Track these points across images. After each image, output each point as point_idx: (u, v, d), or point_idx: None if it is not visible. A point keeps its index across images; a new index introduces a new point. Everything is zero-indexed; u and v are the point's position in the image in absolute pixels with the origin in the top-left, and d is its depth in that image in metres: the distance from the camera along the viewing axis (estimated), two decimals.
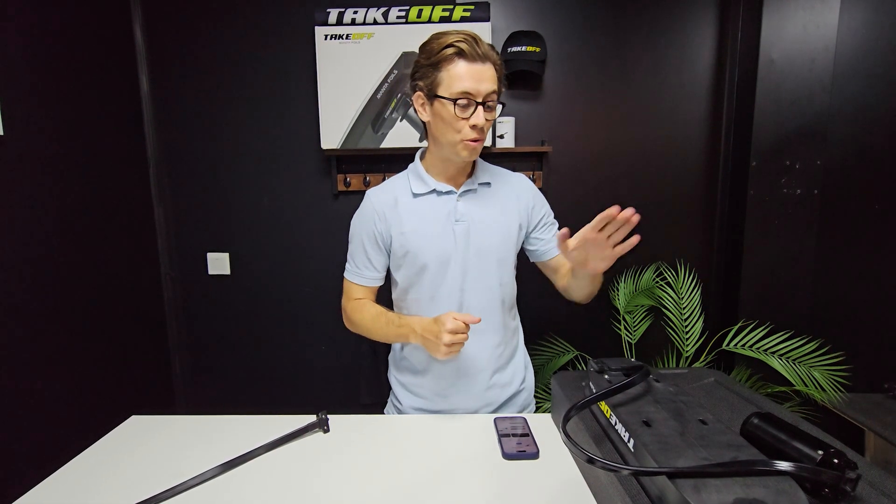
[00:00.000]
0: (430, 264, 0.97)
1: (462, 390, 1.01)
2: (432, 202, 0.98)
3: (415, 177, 1.00)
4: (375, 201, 1.00)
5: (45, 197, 1.30)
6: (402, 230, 0.97)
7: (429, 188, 0.98)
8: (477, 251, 0.98)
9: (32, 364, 1.24)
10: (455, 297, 0.98)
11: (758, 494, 0.46)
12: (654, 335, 1.83)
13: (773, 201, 1.65)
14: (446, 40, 0.86)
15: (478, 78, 0.86)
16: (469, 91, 0.86)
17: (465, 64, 0.85)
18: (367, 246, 1.01)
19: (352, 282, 1.04)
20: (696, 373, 0.96)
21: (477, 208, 0.98)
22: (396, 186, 1.02)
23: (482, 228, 0.98)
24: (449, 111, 0.87)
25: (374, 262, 1.02)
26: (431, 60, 0.88)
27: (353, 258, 1.04)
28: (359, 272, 1.03)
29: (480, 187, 1.00)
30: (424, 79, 0.90)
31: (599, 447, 0.66)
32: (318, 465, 0.76)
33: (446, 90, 0.87)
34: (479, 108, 0.87)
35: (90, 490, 0.71)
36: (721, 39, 1.74)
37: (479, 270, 0.98)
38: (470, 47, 0.85)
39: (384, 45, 1.64)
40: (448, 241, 0.97)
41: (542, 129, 1.78)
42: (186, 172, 1.81)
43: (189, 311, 1.88)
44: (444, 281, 0.98)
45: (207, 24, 1.73)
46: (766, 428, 0.60)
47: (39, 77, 1.30)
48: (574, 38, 1.75)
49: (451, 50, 0.85)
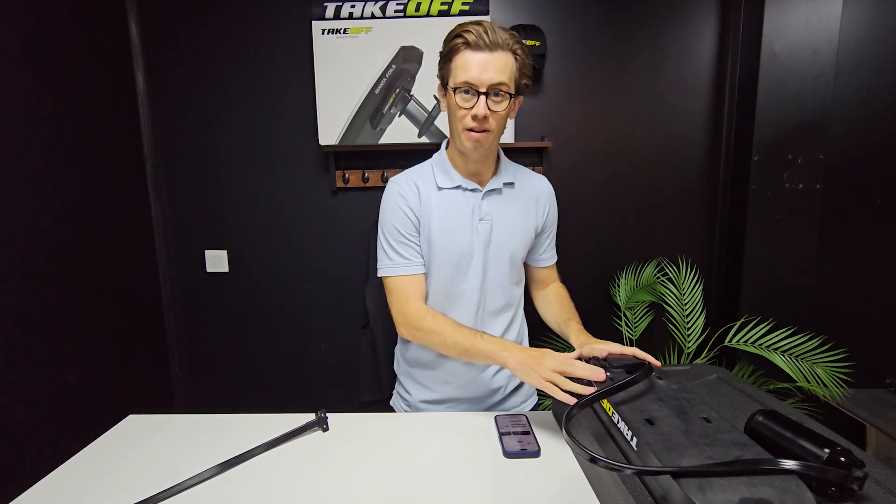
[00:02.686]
0: (452, 260, 0.96)
1: (469, 380, 1.01)
2: (457, 197, 0.96)
3: (440, 169, 0.98)
4: (405, 186, 0.96)
5: (39, 195, 1.29)
6: (428, 221, 0.95)
7: (454, 183, 0.96)
8: (496, 251, 0.97)
9: (28, 363, 1.23)
10: (475, 296, 0.98)
11: (764, 494, 0.46)
12: (655, 331, 1.82)
13: (775, 196, 1.64)
14: (457, 30, 0.86)
15: (482, 67, 0.84)
16: (470, 81, 0.84)
17: (470, 53, 0.85)
18: (407, 231, 0.94)
19: (403, 276, 0.94)
20: (698, 369, 0.96)
21: (500, 208, 0.97)
22: (422, 176, 0.98)
23: (504, 229, 0.97)
24: (453, 101, 0.88)
25: (416, 245, 0.95)
26: (444, 51, 0.89)
27: (395, 249, 0.94)
28: (406, 262, 0.94)
29: (505, 187, 0.99)
30: (441, 69, 0.91)
31: (602, 445, 0.65)
32: (318, 464, 0.76)
33: (452, 80, 0.87)
34: (480, 98, 0.85)
35: (88, 490, 0.70)
36: (723, 32, 1.72)
37: (497, 270, 0.98)
38: (476, 36, 0.83)
39: (382, 40, 1.62)
40: (471, 239, 0.96)
41: (542, 124, 1.77)
42: (183, 169, 1.79)
43: (187, 309, 1.87)
44: (466, 278, 0.97)
45: (203, 19, 1.71)
46: (770, 426, 0.59)
47: (33, 74, 1.28)
48: (574, 32, 1.73)
49: (459, 40, 0.85)
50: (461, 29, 0.85)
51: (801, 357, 1.50)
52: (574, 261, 1.75)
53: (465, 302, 0.98)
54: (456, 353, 0.89)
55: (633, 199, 1.81)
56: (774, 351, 1.54)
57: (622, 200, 1.81)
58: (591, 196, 1.81)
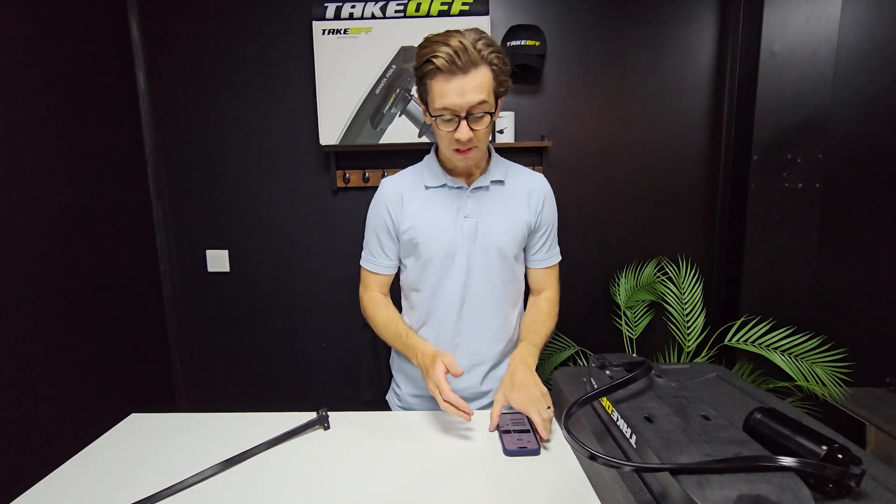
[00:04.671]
0: (436, 258, 0.97)
1: (456, 383, 1.00)
2: (443, 196, 0.98)
3: (428, 169, 1.00)
4: (389, 189, 1.00)
5: (41, 195, 1.29)
6: (411, 221, 0.97)
7: (440, 182, 0.98)
8: (483, 248, 0.97)
9: (31, 362, 1.24)
10: (458, 293, 0.98)
11: (762, 490, 0.46)
12: (655, 330, 1.82)
13: (775, 195, 1.64)
14: (427, 52, 0.82)
15: (459, 92, 0.81)
16: (449, 107, 0.83)
17: (443, 79, 0.81)
18: (381, 234, 1.01)
19: (367, 269, 1.05)
20: (697, 368, 0.96)
21: (487, 206, 0.98)
22: (410, 177, 1.02)
23: (490, 226, 0.97)
24: (435, 124, 0.88)
25: (386, 250, 1.02)
26: (417, 73, 0.86)
27: (368, 246, 1.05)
28: (373, 260, 1.04)
29: (493, 185, 0.99)
30: (418, 86, 0.90)
31: (601, 443, 0.66)
32: (319, 462, 0.76)
33: (430, 105, 0.86)
34: (462, 123, 0.84)
35: (89, 488, 0.70)
36: (722, 32, 1.73)
37: (483, 267, 0.98)
38: (448, 62, 0.79)
39: (382, 40, 1.62)
40: (455, 236, 0.96)
41: (542, 123, 1.77)
42: (184, 169, 1.80)
43: (189, 308, 1.87)
44: (448, 276, 0.98)
45: (204, 19, 1.71)
46: (769, 423, 0.60)
47: (35, 74, 1.29)
48: (574, 32, 1.73)
49: (430, 66, 0.81)
50: (430, 52, 0.81)
51: (801, 356, 1.51)
52: (574, 260, 1.75)
53: (448, 299, 0.99)
54: (390, 341, 1.00)
55: (633, 199, 1.82)
56: (774, 350, 1.54)
57: (622, 200, 1.82)
58: (592, 195, 1.82)
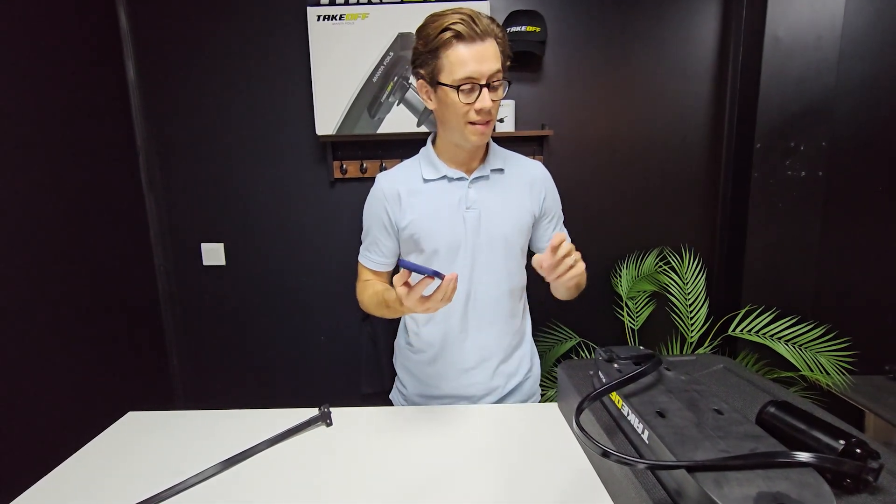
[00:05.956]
0: (440, 251, 0.95)
1: (466, 379, 1.00)
2: (443, 188, 0.96)
3: (426, 162, 0.98)
4: (385, 185, 0.98)
5: (29, 190, 1.26)
6: (411, 216, 0.95)
7: (440, 174, 0.96)
8: (488, 239, 0.96)
9: (25, 361, 1.21)
10: (463, 286, 0.96)
11: (781, 487, 0.45)
12: (657, 321, 1.82)
13: (778, 184, 1.62)
14: (442, 23, 0.81)
15: (479, 59, 0.82)
16: (471, 75, 0.82)
17: (464, 47, 0.81)
18: (377, 230, 0.99)
19: (362, 265, 1.03)
20: (704, 360, 0.95)
21: (489, 195, 0.96)
22: (408, 171, 0.99)
23: (494, 216, 0.95)
24: (453, 98, 0.84)
25: (382, 247, 1.00)
26: (429, 47, 0.84)
27: (365, 241, 1.03)
28: (369, 256, 1.02)
29: (493, 174, 0.97)
30: (425, 66, 0.86)
31: (612, 439, 0.65)
32: (323, 459, 0.75)
33: (448, 77, 0.83)
34: (483, 91, 0.83)
35: (88, 489, 0.69)
36: (725, 18, 1.70)
37: (488, 259, 0.96)
38: (467, 27, 0.80)
39: (379, 26, 1.58)
40: (458, 228, 0.94)
41: (542, 112, 1.74)
42: (177, 161, 1.76)
43: (185, 303, 1.85)
44: (453, 268, 0.96)
45: (195, 6, 1.66)
46: (783, 417, 0.59)
47: (21, 65, 1.24)
48: (575, 18, 1.70)
49: (449, 34, 0.80)
50: (446, 21, 0.81)
51: (804, 346, 1.51)
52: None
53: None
54: (378, 312, 0.95)
55: (634, 188, 1.80)
56: (777, 340, 1.54)
57: (624, 189, 1.80)
58: (593, 184, 1.80)
